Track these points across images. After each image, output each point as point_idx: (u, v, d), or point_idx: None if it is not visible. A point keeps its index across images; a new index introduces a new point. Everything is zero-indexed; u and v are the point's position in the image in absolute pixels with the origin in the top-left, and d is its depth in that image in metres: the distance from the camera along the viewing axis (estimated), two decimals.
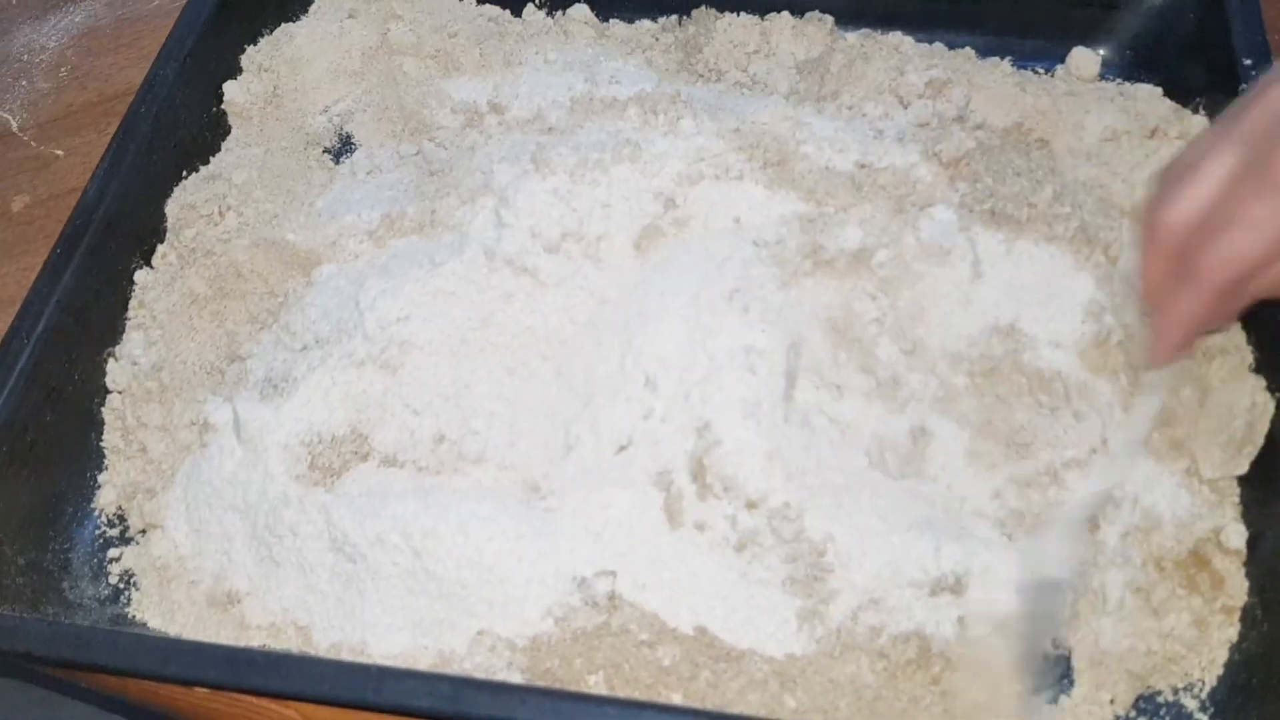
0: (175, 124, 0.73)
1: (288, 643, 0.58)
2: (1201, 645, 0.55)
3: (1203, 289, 0.52)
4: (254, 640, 0.58)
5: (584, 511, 0.57)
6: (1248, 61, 0.67)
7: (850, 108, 0.72)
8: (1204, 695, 0.54)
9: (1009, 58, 0.77)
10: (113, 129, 0.71)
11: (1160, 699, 0.54)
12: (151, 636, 0.57)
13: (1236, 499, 0.58)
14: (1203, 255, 0.52)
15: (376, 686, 0.50)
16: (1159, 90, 0.73)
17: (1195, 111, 0.71)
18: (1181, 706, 0.54)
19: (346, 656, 0.57)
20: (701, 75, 0.77)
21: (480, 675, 0.54)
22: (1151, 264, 0.55)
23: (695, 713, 0.51)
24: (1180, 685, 0.55)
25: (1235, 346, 0.60)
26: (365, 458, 0.61)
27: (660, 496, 0.57)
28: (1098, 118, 0.71)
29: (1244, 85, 0.66)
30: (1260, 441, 0.57)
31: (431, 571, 0.57)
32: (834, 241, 0.62)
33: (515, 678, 0.54)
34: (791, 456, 0.57)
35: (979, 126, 0.70)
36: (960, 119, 0.70)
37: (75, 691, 0.60)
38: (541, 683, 0.54)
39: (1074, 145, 0.69)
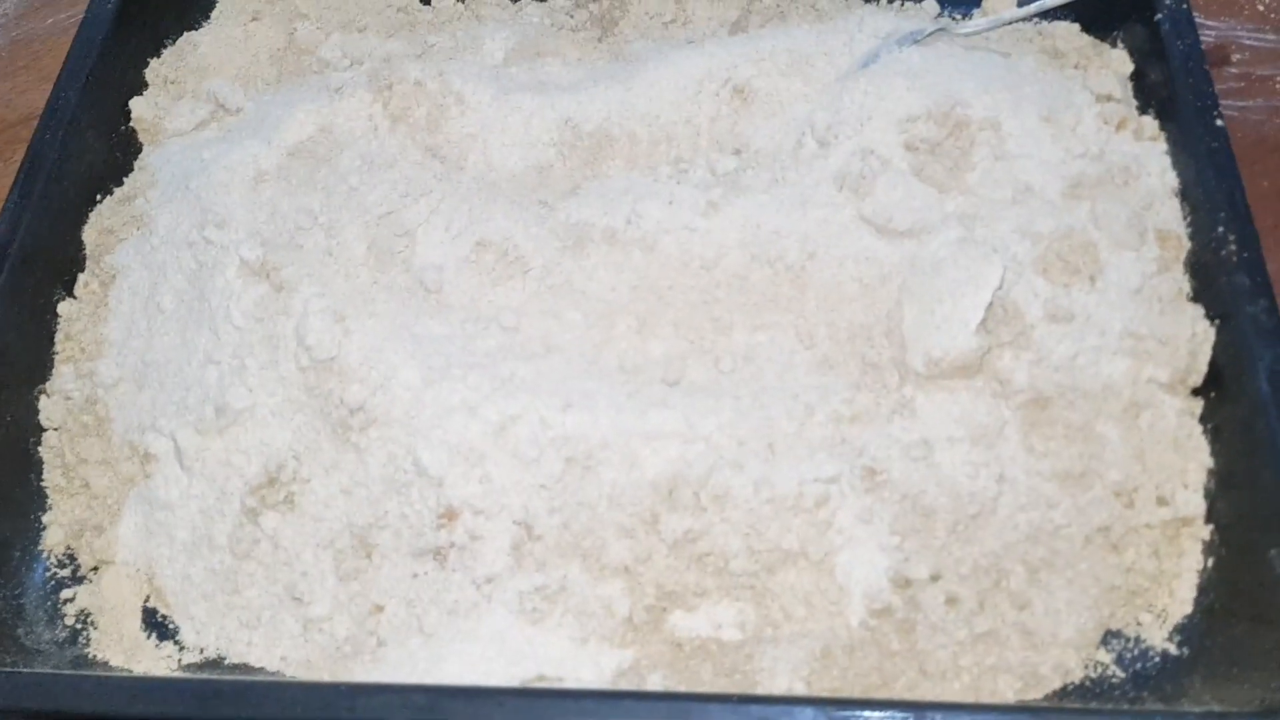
0: (83, 148, 0.71)
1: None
2: (1163, 576, 0.56)
3: None
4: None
5: None
6: None
7: None
8: (1169, 625, 0.55)
9: None
10: (18, 157, 0.69)
11: (1126, 632, 0.55)
12: (114, 677, 0.56)
13: None
14: None
15: (350, 704, 0.50)
16: (1076, 26, 0.73)
17: (1113, 45, 0.71)
18: (1147, 637, 0.55)
19: None
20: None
21: None
22: None
23: (673, 696, 0.51)
24: (1145, 618, 0.56)
25: None
26: (308, 480, 0.60)
27: None
28: (1020, 59, 0.71)
29: (1159, 15, 0.67)
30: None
31: None
32: None
33: None
34: None
35: None
36: None
37: None
38: None
39: None
